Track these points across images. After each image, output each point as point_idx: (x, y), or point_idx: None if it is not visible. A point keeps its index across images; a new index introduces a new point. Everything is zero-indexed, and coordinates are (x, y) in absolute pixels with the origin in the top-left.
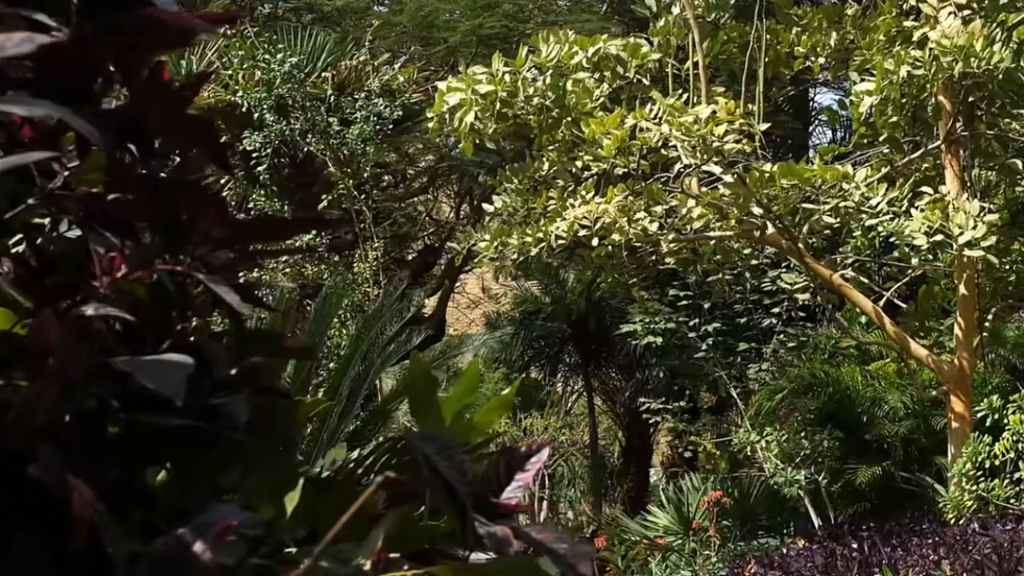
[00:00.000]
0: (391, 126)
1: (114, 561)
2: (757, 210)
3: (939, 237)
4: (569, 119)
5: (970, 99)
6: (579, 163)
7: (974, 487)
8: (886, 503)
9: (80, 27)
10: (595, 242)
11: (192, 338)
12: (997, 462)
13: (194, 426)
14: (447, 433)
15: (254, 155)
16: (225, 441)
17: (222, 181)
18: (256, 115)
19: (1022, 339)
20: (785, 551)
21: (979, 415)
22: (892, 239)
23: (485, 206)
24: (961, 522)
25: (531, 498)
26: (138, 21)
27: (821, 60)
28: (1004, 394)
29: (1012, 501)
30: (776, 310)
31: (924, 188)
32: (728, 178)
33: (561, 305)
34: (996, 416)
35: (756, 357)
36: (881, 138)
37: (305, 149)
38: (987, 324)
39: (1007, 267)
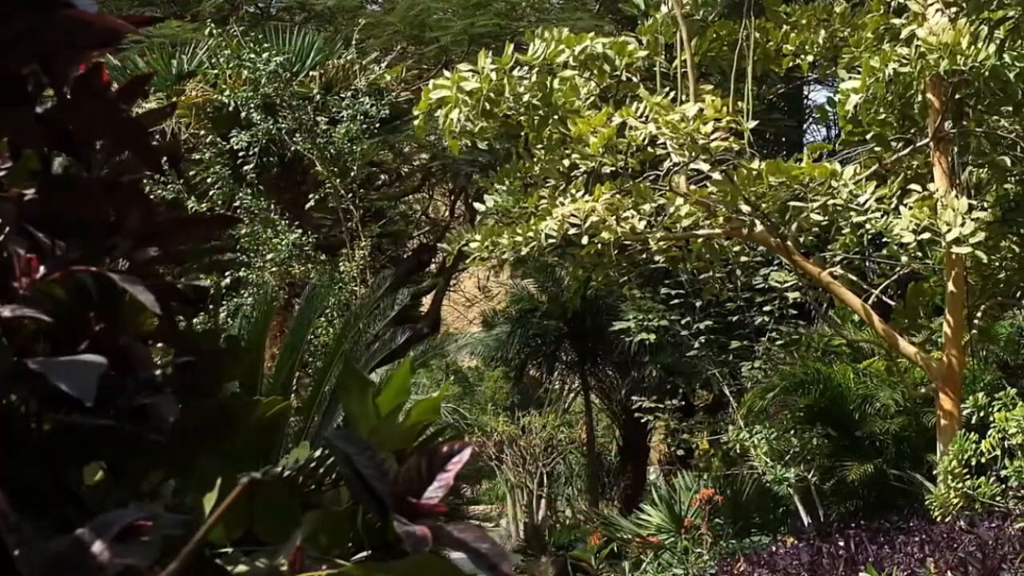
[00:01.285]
0: (378, 125)
1: (17, 562)
2: (745, 208)
3: (927, 235)
4: (556, 117)
5: (957, 96)
6: (566, 162)
7: (960, 485)
8: (879, 501)
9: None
10: (584, 240)
11: (118, 339)
12: (983, 459)
13: (117, 426)
14: (381, 433)
15: (240, 154)
16: (151, 441)
17: (209, 180)
18: (243, 114)
19: (1015, 336)
20: (774, 549)
21: (972, 413)
22: (883, 237)
23: (476, 205)
24: (947, 520)
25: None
26: (59, 24)
27: (810, 58)
28: (996, 391)
29: (998, 499)
30: (768, 308)
31: (913, 185)
32: (716, 176)
33: (557, 303)
34: (982, 414)
35: (749, 355)
36: (868, 136)
37: (292, 148)
38: (976, 321)
39: (996, 264)
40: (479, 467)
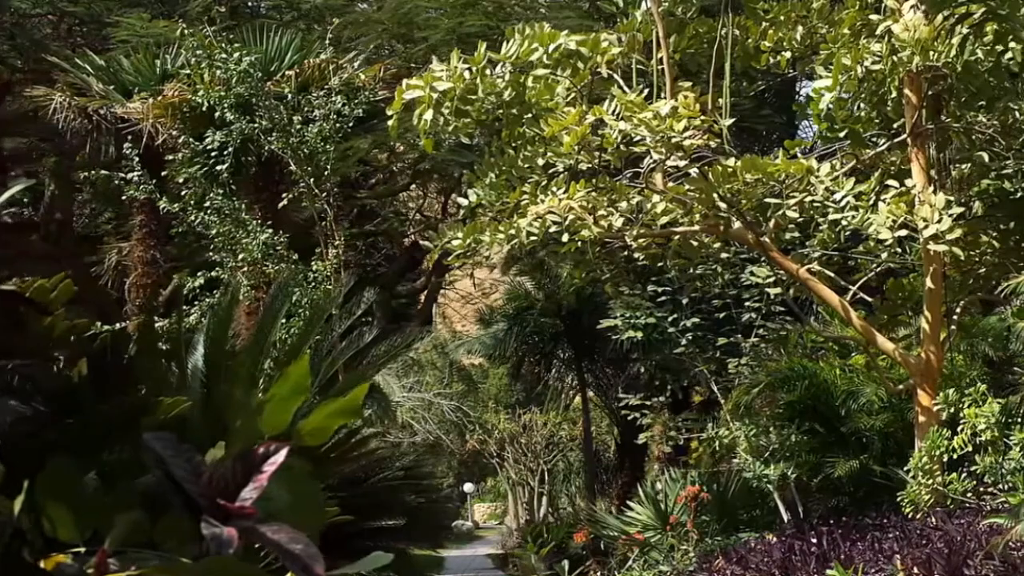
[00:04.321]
0: (351, 124)
1: None
2: (722, 205)
3: (905, 231)
4: (530, 116)
5: (931, 92)
6: (540, 160)
7: (931, 481)
8: (865, 496)
9: None
10: (565, 238)
11: None
12: (956, 456)
13: None
14: (253, 425)
15: (213, 154)
16: None
17: (180, 180)
18: (217, 114)
19: (1002, 331)
20: (752, 545)
21: (943, 409)
22: (861, 233)
23: (459, 200)
24: (919, 516)
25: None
26: None
27: (788, 55)
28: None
29: (969, 495)
30: (751, 304)
31: (891, 181)
32: (693, 173)
33: (553, 300)
34: (952, 410)
35: (736, 351)
36: (842, 134)
37: (266, 148)
38: (956, 317)
39: (976, 260)
40: (482, 464)
